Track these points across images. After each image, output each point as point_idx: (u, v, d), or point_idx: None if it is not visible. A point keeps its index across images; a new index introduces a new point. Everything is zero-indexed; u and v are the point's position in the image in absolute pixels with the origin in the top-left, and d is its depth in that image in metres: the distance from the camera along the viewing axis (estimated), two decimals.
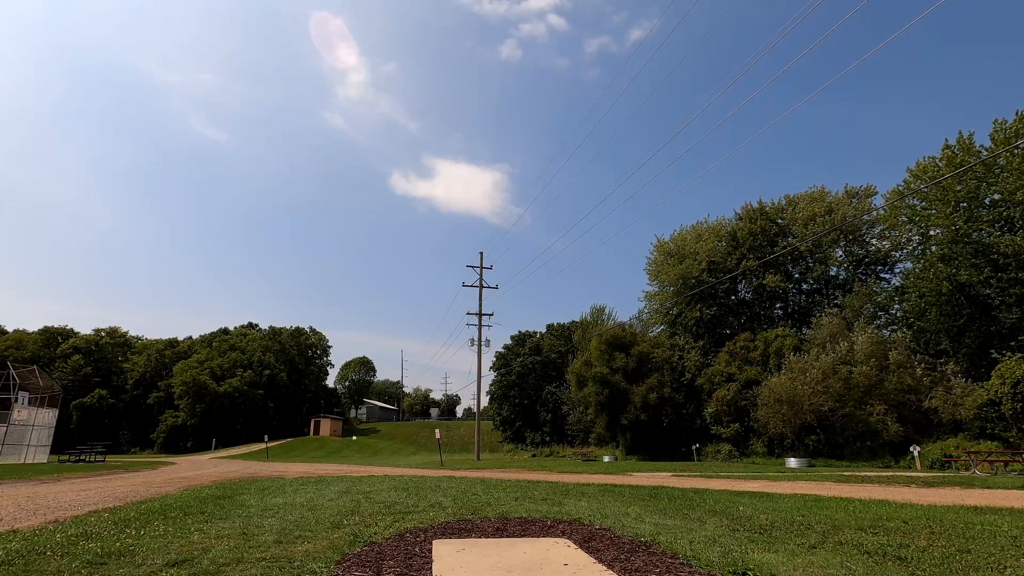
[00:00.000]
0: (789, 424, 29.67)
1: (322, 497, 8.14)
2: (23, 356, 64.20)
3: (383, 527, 5.32)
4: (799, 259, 40.29)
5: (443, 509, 6.69)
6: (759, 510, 6.80)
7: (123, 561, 3.87)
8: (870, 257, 37.94)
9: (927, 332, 29.05)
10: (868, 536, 4.96)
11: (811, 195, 40.28)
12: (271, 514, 6.25)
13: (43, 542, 4.56)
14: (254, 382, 69.32)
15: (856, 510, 6.87)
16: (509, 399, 60.59)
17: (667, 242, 44.95)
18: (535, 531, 5.15)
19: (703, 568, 3.69)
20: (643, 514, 6.37)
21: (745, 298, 42.72)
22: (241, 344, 74.74)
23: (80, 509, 7.26)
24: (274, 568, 3.62)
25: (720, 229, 42.68)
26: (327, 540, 4.61)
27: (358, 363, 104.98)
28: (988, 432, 23.85)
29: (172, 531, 5.14)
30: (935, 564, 3.84)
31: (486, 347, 36.29)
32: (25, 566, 3.72)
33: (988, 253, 25.33)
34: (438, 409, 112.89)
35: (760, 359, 34.87)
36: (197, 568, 3.63)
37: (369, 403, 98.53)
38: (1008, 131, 25.63)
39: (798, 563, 3.82)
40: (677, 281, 41.22)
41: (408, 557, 4.04)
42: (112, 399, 70.14)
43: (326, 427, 68.48)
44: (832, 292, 39.32)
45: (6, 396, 33.42)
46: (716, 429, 34.91)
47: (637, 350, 39.98)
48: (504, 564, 3.77)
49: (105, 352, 76.46)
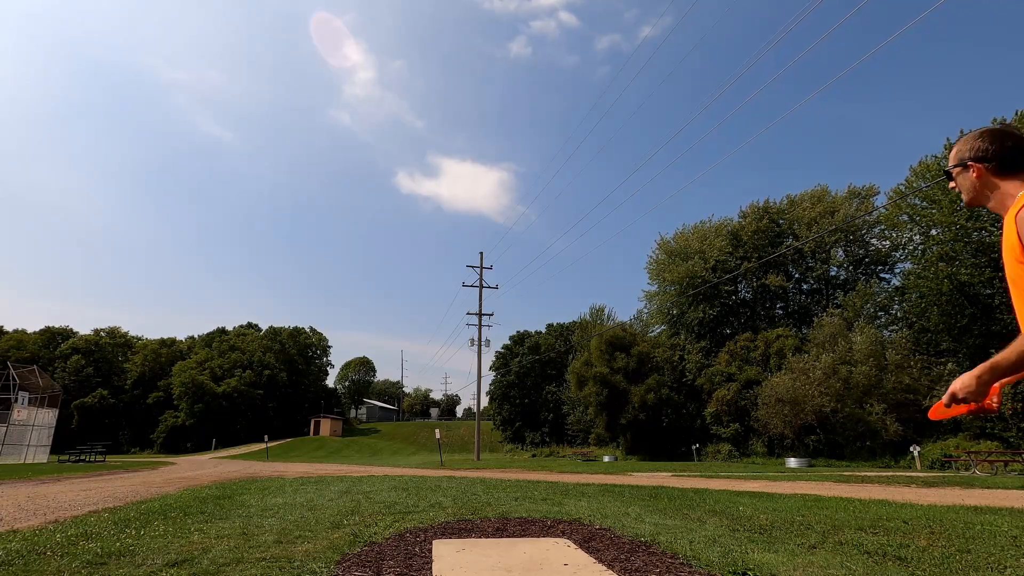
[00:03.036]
0: (789, 424, 29.67)
1: (322, 497, 8.14)
2: (23, 356, 64.20)
3: (383, 527, 5.32)
4: (800, 259, 40.31)
5: (443, 509, 6.69)
6: (759, 510, 6.80)
7: (123, 561, 3.87)
8: (870, 257, 37.94)
9: (928, 332, 29.04)
10: (868, 536, 4.96)
11: (813, 195, 40.28)
12: (271, 514, 6.25)
13: (43, 542, 4.56)
14: (254, 382, 69.31)
15: (856, 510, 6.87)
16: (509, 399, 60.58)
17: (669, 241, 44.90)
18: (535, 531, 5.15)
19: (703, 568, 3.69)
20: (643, 514, 6.37)
21: (746, 298, 42.72)
22: (240, 344, 74.74)
23: (80, 509, 7.26)
24: (274, 568, 3.62)
25: (723, 229, 42.66)
26: (327, 540, 4.61)
27: (358, 363, 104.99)
28: (988, 432, 23.86)
29: (172, 531, 5.14)
30: (935, 564, 3.84)
31: (486, 347, 36.32)
32: (25, 566, 3.72)
33: (989, 252, 25.34)
34: (438, 409, 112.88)
35: (760, 359, 34.87)
36: (197, 568, 3.63)
37: (369, 403, 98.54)
38: None
39: (798, 563, 3.81)
40: (680, 280, 41.16)
41: (408, 557, 4.04)
42: (112, 399, 70.15)
43: (326, 427, 68.48)
44: (832, 292, 39.34)
45: (6, 396, 33.41)
46: (716, 429, 34.91)
47: (637, 350, 39.99)
48: (504, 564, 3.77)
49: (105, 352, 76.46)
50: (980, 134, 1.70)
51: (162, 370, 73.53)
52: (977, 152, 1.67)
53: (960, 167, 1.73)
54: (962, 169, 1.72)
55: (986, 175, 1.66)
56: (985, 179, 1.66)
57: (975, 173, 1.68)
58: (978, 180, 1.68)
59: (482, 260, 36.80)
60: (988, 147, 1.66)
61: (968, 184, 1.71)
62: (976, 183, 1.69)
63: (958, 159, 1.74)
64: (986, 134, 1.69)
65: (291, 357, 76.88)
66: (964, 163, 1.71)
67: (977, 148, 1.68)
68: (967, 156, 1.70)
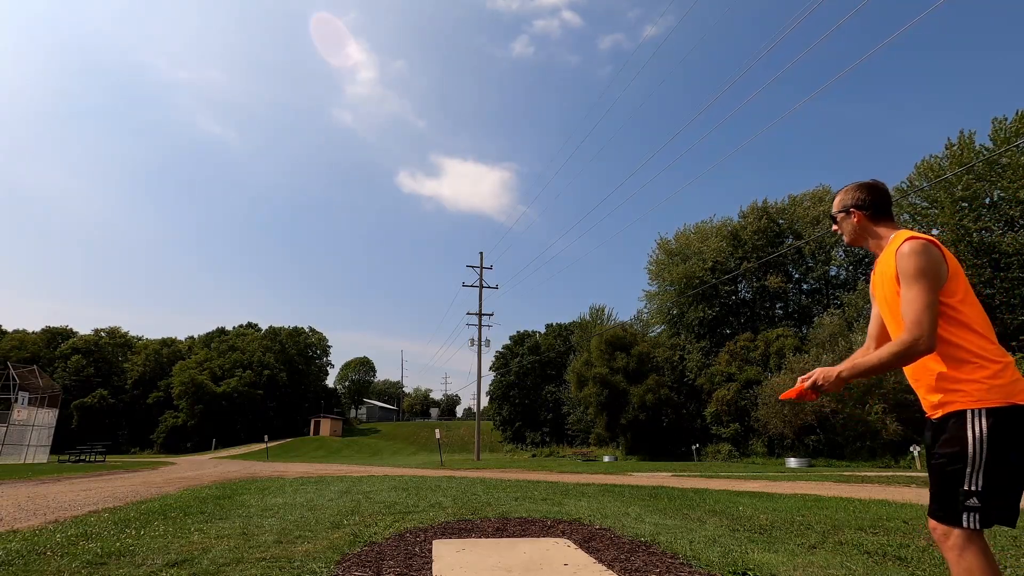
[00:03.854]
0: (789, 424, 29.68)
1: (322, 497, 8.14)
2: (24, 356, 64.25)
3: (383, 527, 5.32)
4: (800, 259, 40.31)
5: (443, 509, 6.69)
6: (759, 510, 6.80)
7: (123, 561, 3.87)
8: (870, 257, 37.94)
9: None
10: (868, 536, 4.96)
11: (815, 194, 40.29)
12: (271, 514, 6.25)
13: (43, 542, 4.56)
14: (253, 382, 69.31)
15: (856, 510, 6.87)
16: (509, 399, 60.59)
17: (669, 241, 44.90)
18: (535, 531, 5.15)
19: (703, 568, 3.69)
20: (643, 514, 6.37)
21: (746, 298, 42.71)
22: (240, 344, 74.74)
23: (80, 509, 7.26)
24: (274, 568, 3.62)
25: (724, 229, 42.68)
26: (327, 540, 4.62)
27: (358, 363, 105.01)
28: None
29: (172, 531, 5.14)
30: (935, 564, 3.84)
31: (486, 347, 36.32)
32: (25, 566, 3.72)
33: (990, 252, 25.34)
34: (438, 409, 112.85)
35: (760, 359, 34.87)
36: (197, 568, 3.63)
37: (369, 403, 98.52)
38: (1008, 130, 25.65)
39: (798, 563, 3.82)
40: (681, 280, 41.16)
41: (408, 557, 4.04)
42: (112, 399, 70.17)
43: (326, 427, 68.47)
44: (832, 292, 39.35)
45: (6, 396, 33.42)
46: (716, 429, 34.91)
47: (638, 350, 39.99)
48: (504, 564, 3.77)
49: (105, 352, 76.48)
50: (859, 187, 2.06)
51: (162, 370, 73.55)
52: (857, 201, 2.04)
53: (843, 213, 2.10)
54: (845, 215, 2.09)
55: (864, 220, 2.03)
56: (863, 223, 2.04)
57: (855, 218, 2.05)
58: (858, 224, 2.05)
59: (482, 260, 36.82)
60: (866, 197, 2.03)
61: (849, 227, 2.09)
62: (856, 226, 2.06)
63: (841, 206, 2.10)
64: (863, 187, 2.05)
65: (291, 357, 76.87)
66: (847, 209, 2.08)
67: (857, 198, 2.05)
68: (849, 204, 2.07)
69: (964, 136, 27.38)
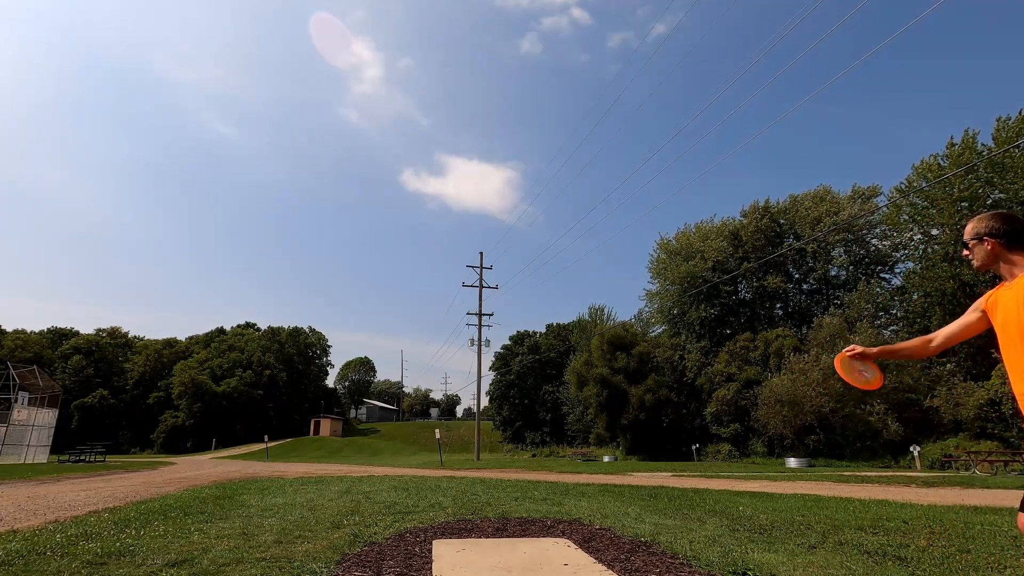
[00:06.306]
0: (789, 424, 29.66)
1: (322, 497, 8.14)
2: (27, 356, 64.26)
3: (383, 527, 5.32)
4: (801, 259, 40.29)
5: (443, 509, 6.70)
6: (759, 510, 6.80)
7: (123, 561, 3.87)
8: (870, 257, 37.93)
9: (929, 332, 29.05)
10: (868, 536, 4.96)
11: (816, 194, 40.26)
12: (271, 514, 6.25)
13: (43, 542, 4.56)
14: (253, 382, 69.32)
15: (856, 510, 6.87)
16: (509, 399, 60.58)
17: (671, 240, 44.86)
18: (535, 531, 5.15)
19: (703, 568, 3.69)
20: (643, 514, 6.37)
21: (746, 298, 42.69)
22: (240, 344, 74.75)
23: (80, 509, 7.26)
24: (274, 568, 3.62)
25: (724, 229, 42.65)
26: (327, 540, 4.62)
27: (358, 363, 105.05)
28: (988, 432, 23.84)
29: (172, 531, 5.14)
30: (935, 564, 3.84)
31: (486, 347, 36.34)
32: (25, 566, 3.72)
33: None
34: (438, 409, 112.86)
35: (760, 359, 34.85)
36: (197, 568, 3.63)
37: (369, 403, 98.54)
38: (1011, 130, 25.64)
39: (798, 563, 3.82)
40: (682, 280, 41.13)
41: (408, 557, 4.04)
42: (112, 399, 70.20)
43: (326, 427, 68.47)
44: (832, 292, 39.33)
45: (6, 396, 33.43)
46: (716, 429, 34.90)
47: (638, 350, 39.97)
48: (504, 564, 3.77)
49: (106, 352, 76.52)
50: (993, 216, 2.17)
51: (162, 370, 73.58)
52: (991, 230, 2.13)
53: (976, 240, 2.18)
54: (978, 242, 2.18)
55: (999, 248, 2.11)
56: (997, 250, 2.12)
57: (989, 246, 2.13)
58: (991, 251, 2.13)
59: (482, 260, 36.82)
60: (1001, 227, 2.11)
61: (982, 253, 2.18)
62: (989, 253, 2.15)
63: (974, 233, 2.19)
64: (998, 216, 2.15)
65: (291, 357, 76.87)
66: (980, 237, 2.16)
67: (992, 227, 2.13)
68: (983, 232, 2.16)
69: (968, 136, 27.36)
